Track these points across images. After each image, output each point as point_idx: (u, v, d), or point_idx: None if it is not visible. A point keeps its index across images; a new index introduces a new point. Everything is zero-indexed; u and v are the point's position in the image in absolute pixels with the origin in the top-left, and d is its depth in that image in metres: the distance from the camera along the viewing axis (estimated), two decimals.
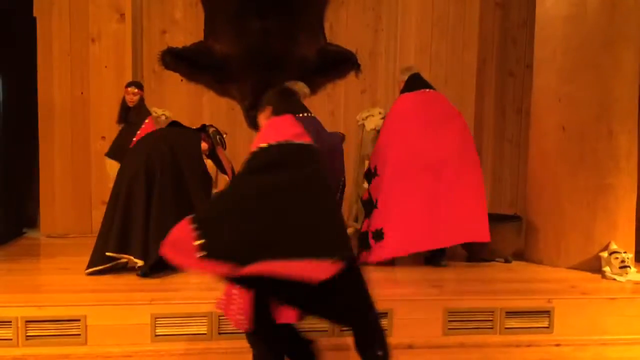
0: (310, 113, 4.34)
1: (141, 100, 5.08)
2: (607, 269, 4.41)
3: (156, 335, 3.58)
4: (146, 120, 5.02)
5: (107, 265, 4.16)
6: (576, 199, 4.62)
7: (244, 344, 3.59)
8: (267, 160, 2.67)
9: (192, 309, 3.64)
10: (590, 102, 4.56)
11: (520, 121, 6.22)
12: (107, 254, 4.10)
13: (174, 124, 4.61)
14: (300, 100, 4.40)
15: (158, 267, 4.09)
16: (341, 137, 4.67)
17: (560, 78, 4.67)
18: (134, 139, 4.86)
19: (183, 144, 4.36)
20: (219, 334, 3.62)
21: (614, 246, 4.48)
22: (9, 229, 5.49)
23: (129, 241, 4.11)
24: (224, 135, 4.79)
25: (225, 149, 4.75)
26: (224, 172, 4.75)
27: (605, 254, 4.47)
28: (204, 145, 4.51)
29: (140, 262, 4.11)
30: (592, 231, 4.60)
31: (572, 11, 4.58)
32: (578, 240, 4.63)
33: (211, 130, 4.61)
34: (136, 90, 5.04)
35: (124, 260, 4.16)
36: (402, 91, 4.81)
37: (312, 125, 4.06)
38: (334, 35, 6.18)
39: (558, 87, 4.68)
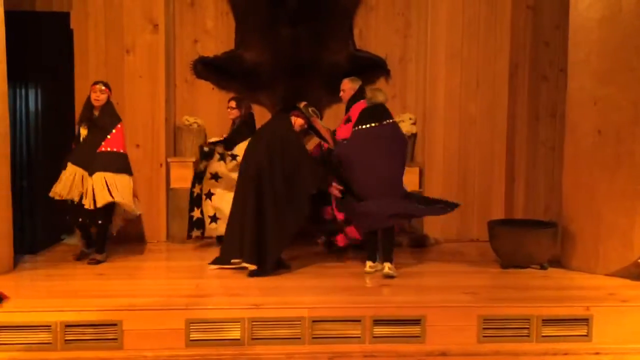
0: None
1: (109, 101, 4.87)
2: None
3: (190, 340, 3.62)
4: (118, 126, 4.84)
5: (231, 266, 4.54)
6: (614, 203, 4.52)
7: (278, 349, 3.63)
8: None
9: (226, 314, 3.67)
10: (627, 104, 4.46)
11: (554, 125, 6.10)
12: (232, 260, 4.53)
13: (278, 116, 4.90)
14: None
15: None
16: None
17: (595, 81, 4.59)
18: (103, 143, 4.72)
19: (279, 136, 4.60)
20: (252, 339, 3.64)
21: None
22: (48, 235, 5.63)
23: (243, 247, 4.42)
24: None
25: (320, 118, 5.04)
26: (324, 140, 5.02)
27: None
28: (300, 121, 4.72)
29: (252, 267, 4.39)
30: (630, 237, 4.48)
31: (606, 14, 4.50)
32: (616, 246, 4.52)
33: (302, 104, 4.82)
34: (104, 88, 4.82)
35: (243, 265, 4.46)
36: (357, 99, 4.99)
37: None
38: (363, 41, 6.19)
39: (593, 90, 4.60)
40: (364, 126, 4.62)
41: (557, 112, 6.02)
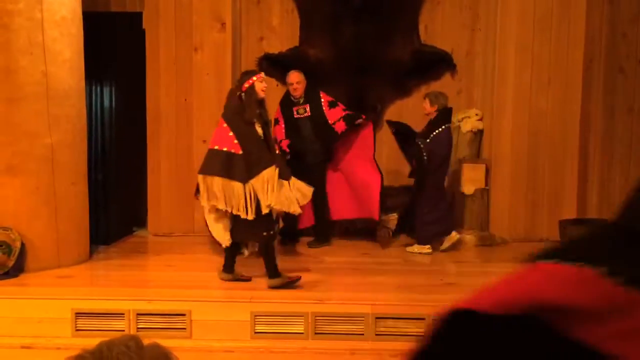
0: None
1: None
2: None
3: (255, 332, 3.68)
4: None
5: None
6: None
7: (340, 345, 3.64)
8: None
9: (290, 308, 3.71)
10: None
11: (631, 121, 5.79)
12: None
13: None
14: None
15: None
16: None
17: None
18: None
19: None
20: (316, 333, 3.66)
21: None
22: (121, 227, 5.87)
23: None
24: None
25: None
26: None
27: None
28: None
29: None
30: None
31: None
32: None
33: None
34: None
35: None
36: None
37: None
38: (429, 36, 6.09)
39: None
40: (447, 125, 5.04)
41: (635, 108, 5.72)
